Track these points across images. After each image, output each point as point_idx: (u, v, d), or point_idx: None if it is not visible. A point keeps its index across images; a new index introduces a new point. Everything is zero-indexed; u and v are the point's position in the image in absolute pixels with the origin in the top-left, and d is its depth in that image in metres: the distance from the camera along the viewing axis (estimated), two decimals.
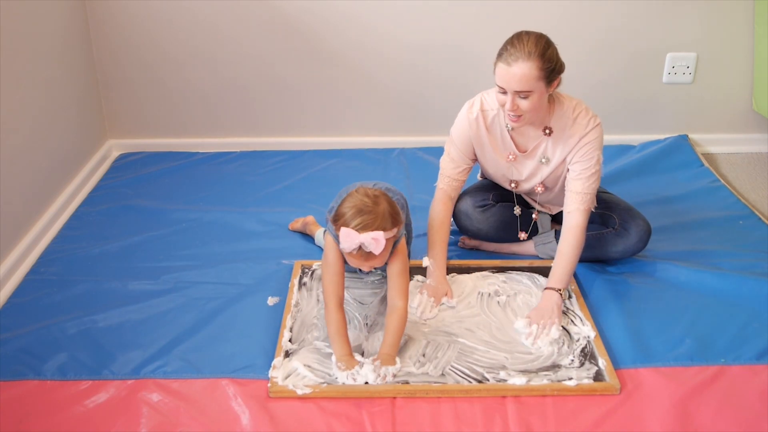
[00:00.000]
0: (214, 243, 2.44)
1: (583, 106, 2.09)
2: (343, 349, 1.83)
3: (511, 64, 1.91)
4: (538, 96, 1.95)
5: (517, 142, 2.14)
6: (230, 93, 3.08)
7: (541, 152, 2.13)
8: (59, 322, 2.04)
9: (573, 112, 2.07)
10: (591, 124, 2.06)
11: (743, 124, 3.14)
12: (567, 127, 2.07)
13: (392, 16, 2.93)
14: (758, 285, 2.13)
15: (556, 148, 2.10)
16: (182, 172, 2.94)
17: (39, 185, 2.53)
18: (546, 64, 1.91)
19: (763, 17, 2.86)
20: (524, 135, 2.13)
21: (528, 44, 1.91)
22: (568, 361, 1.88)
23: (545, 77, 1.93)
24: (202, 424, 1.71)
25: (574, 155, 2.08)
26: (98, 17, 2.92)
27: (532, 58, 1.90)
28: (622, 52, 3.00)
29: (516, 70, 1.91)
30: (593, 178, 2.08)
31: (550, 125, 2.08)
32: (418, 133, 3.13)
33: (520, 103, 1.95)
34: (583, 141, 2.06)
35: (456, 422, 1.71)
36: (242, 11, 2.92)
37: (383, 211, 1.79)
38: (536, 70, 1.90)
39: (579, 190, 2.08)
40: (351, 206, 1.79)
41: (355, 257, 1.80)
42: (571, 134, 2.06)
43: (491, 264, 2.28)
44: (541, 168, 2.16)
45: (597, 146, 2.07)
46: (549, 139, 2.10)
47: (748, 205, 2.62)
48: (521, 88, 1.92)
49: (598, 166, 2.09)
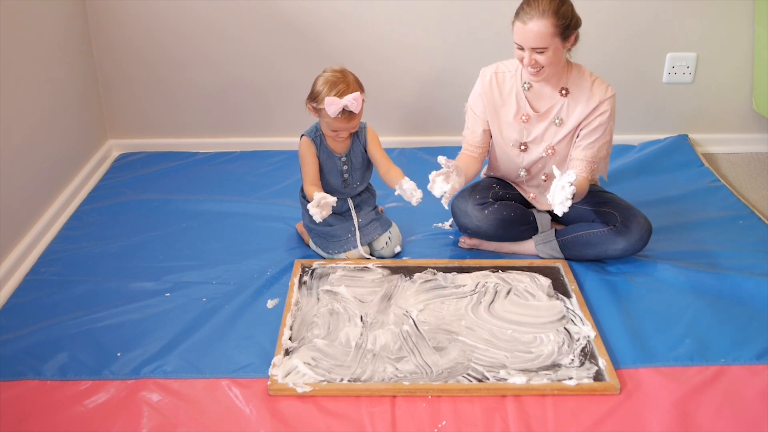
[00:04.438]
0: (214, 243, 2.44)
1: (598, 76, 2.16)
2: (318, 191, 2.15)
3: (527, 22, 2.00)
4: (554, 51, 2.03)
5: (532, 103, 2.18)
6: (230, 93, 3.08)
7: (555, 113, 2.17)
8: (59, 322, 2.04)
9: (591, 77, 2.15)
10: (609, 92, 2.14)
11: (743, 124, 3.14)
12: (585, 89, 2.14)
13: (392, 16, 2.94)
14: (758, 285, 2.13)
15: (573, 110, 2.15)
16: (182, 172, 2.94)
17: (39, 185, 2.53)
18: (561, 21, 2.00)
19: (763, 17, 2.87)
20: (539, 96, 2.18)
21: (543, 1, 1.99)
22: (568, 360, 1.88)
23: (560, 33, 2.01)
24: (202, 424, 1.71)
25: (591, 121, 2.13)
26: (98, 17, 2.92)
27: (546, 16, 1.98)
28: (622, 52, 3.00)
29: (532, 27, 1.99)
30: (604, 148, 2.13)
31: (567, 86, 2.14)
32: (418, 133, 3.13)
33: (538, 58, 2.04)
34: (602, 107, 2.12)
35: (456, 422, 1.71)
36: (242, 11, 2.92)
37: (353, 79, 2.15)
38: (551, 27, 1.99)
39: (589, 158, 2.14)
40: (325, 81, 2.13)
41: (339, 120, 2.12)
42: (591, 95, 2.13)
43: (491, 264, 2.28)
44: (553, 130, 2.19)
45: (612, 116, 2.14)
46: (565, 100, 2.16)
47: (748, 205, 2.62)
48: (537, 44, 2.01)
49: (610, 136, 2.14)
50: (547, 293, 2.13)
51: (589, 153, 2.14)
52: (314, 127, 2.27)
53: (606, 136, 2.15)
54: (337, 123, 2.14)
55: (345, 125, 2.15)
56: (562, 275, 2.22)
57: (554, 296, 2.13)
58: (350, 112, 2.11)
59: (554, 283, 2.18)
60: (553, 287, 2.16)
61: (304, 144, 2.26)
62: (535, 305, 2.09)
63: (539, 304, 2.09)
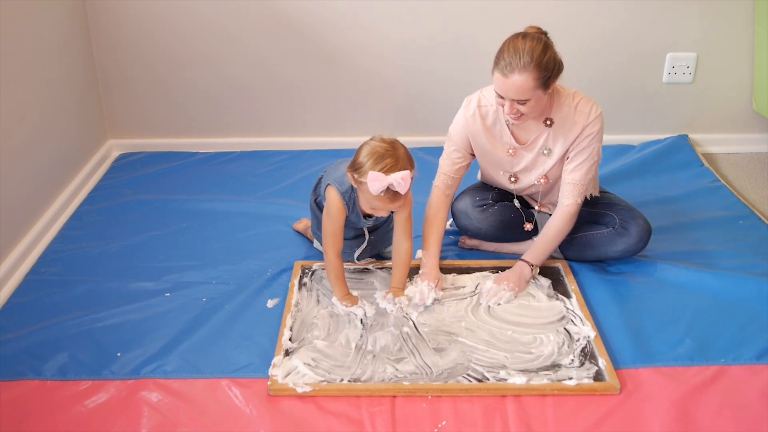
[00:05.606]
0: (214, 243, 2.44)
1: (582, 95, 2.08)
2: (342, 291, 2.06)
3: (508, 75, 1.89)
4: (536, 100, 1.95)
5: (516, 136, 2.14)
6: (230, 93, 3.08)
7: (542, 143, 2.12)
8: (59, 322, 2.04)
9: (573, 100, 2.06)
10: (593, 113, 2.05)
11: (743, 124, 3.14)
12: (569, 116, 2.06)
13: (392, 16, 2.94)
14: (758, 285, 2.13)
15: (558, 139, 2.09)
16: (182, 172, 2.94)
17: (39, 185, 2.53)
18: (543, 74, 1.89)
19: (763, 17, 2.86)
20: (524, 128, 2.13)
21: (524, 54, 1.87)
22: (568, 360, 1.88)
23: (542, 85, 1.92)
24: (203, 424, 1.71)
25: (577, 145, 2.08)
26: (98, 17, 2.92)
27: (528, 69, 1.87)
28: (622, 52, 3.00)
29: (514, 80, 1.89)
30: (592, 169, 2.10)
31: (551, 116, 2.08)
32: (418, 133, 3.13)
33: (519, 108, 1.96)
34: (586, 131, 2.06)
35: (456, 422, 1.71)
36: (242, 11, 2.92)
37: (403, 153, 1.89)
38: (533, 81, 1.89)
39: (576, 181, 2.10)
40: (371, 152, 1.86)
41: (381, 200, 1.87)
42: (574, 122, 2.06)
43: (491, 264, 2.28)
44: (542, 160, 2.15)
45: (598, 138, 2.08)
46: (550, 130, 2.09)
47: (748, 205, 2.62)
48: (519, 97, 1.92)
49: (597, 157, 2.10)
50: (547, 294, 2.13)
51: (577, 176, 2.09)
52: (349, 186, 1.98)
53: (594, 156, 2.09)
54: (378, 202, 1.89)
55: (388, 205, 1.90)
56: (562, 275, 2.22)
57: (554, 297, 2.12)
58: (395, 192, 1.86)
59: (554, 283, 2.18)
60: (553, 287, 2.16)
61: (334, 203, 1.98)
62: (535, 306, 2.09)
63: (539, 304, 2.09)
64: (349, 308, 2.03)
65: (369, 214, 2.05)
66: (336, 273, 2.05)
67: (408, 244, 2.08)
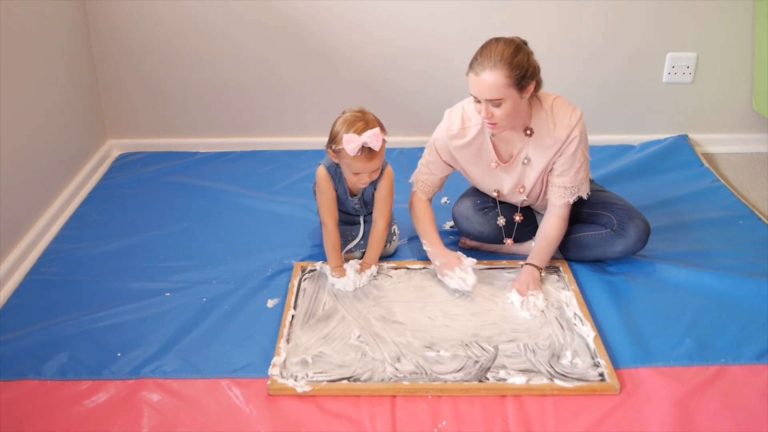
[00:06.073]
0: (214, 243, 2.44)
1: (562, 101, 2.07)
2: (336, 262, 2.20)
3: (479, 73, 1.91)
4: (512, 103, 1.94)
5: (498, 150, 2.14)
6: (230, 93, 3.08)
7: (523, 156, 2.12)
8: (59, 322, 2.04)
9: (552, 108, 2.05)
10: (573, 119, 2.04)
11: (743, 124, 3.14)
12: (548, 125, 2.05)
13: (391, 16, 2.94)
14: (758, 285, 2.13)
15: (538, 149, 2.09)
16: (182, 172, 2.94)
17: (39, 185, 2.53)
18: (515, 71, 1.90)
19: (763, 17, 2.86)
20: (506, 141, 2.12)
21: (495, 53, 1.90)
22: (568, 360, 1.88)
23: (515, 84, 1.91)
24: (203, 424, 1.71)
25: (561, 155, 2.07)
26: (98, 17, 2.92)
27: (498, 67, 1.89)
28: (622, 53, 3.00)
29: (485, 78, 1.90)
30: (581, 170, 2.09)
31: (531, 125, 2.07)
32: (418, 133, 3.13)
33: (494, 111, 1.95)
34: (568, 140, 2.05)
35: (456, 422, 1.71)
36: (242, 13, 2.92)
37: (372, 117, 2.07)
38: (504, 78, 1.89)
39: (567, 184, 2.10)
40: (343, 121, 2.05)
41: (359, 160, 2.03)
42: (554, 132, 2.04)
43: (491, 264, 2.28)
44: (524, 172, 2.14)
45: (583, 141, 2.06)
46: (530, 140, 2.08)
47: (748, 205, 2.62)
48: (492, 96, 1.92)
49: (585, 158, 2.10)
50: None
51: (567, 179, 2.09)
52: (334, 162, 2.15)
53: (580, 159, 2.08)
54: (358, 163, 2.03)
55: (366, 164, 2.04)
56: (562, 275, 2.22)
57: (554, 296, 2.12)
58: (370, 150, 2.01)
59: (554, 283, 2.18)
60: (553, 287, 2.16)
61: (322, 176, 2.17)
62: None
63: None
64: (338, 278, 2.15)
65: (354, 193, 2.21)
66: (333, 243, 2.19)
67: (383, 223, 2.21)
